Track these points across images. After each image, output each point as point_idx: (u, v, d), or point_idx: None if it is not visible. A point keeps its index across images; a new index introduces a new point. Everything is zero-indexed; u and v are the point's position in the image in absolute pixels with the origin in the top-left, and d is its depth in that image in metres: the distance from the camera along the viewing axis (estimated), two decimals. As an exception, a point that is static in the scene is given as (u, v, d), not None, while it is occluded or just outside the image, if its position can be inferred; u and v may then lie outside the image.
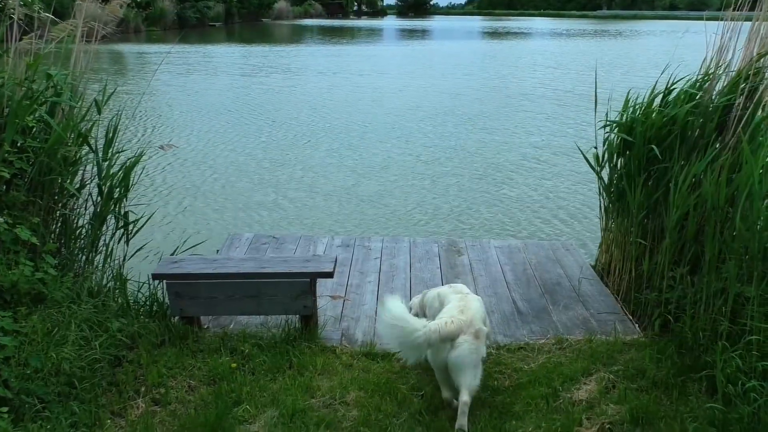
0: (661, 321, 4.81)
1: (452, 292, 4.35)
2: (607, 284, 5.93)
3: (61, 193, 4.93)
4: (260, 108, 18.28)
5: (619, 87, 5.61)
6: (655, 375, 4.21)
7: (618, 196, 5.65)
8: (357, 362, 4.62)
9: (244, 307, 4.81)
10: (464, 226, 9.19)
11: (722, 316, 4.16)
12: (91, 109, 5.19)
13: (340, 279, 6.00)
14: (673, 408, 3.90)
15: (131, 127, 13.21)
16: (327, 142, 14.17)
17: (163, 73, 24.57)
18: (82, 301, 4.34)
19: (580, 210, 9.75)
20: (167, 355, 4.42)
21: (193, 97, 19.85)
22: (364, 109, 18.11)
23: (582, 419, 3.86)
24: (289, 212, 9.73)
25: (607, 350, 4.66)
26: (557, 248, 6.95)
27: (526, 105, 18.67)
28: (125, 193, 5.29)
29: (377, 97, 20.02)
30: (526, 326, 5.23)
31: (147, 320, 4.74)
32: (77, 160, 5.05)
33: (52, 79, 4.78)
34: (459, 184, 11.21)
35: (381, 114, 17.33)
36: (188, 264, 4.92)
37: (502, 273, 6.28)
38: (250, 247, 6.84)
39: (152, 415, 3.86)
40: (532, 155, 13.04)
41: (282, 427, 3.80)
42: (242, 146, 13.85)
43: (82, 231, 5.16)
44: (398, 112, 17.55)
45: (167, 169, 11.79)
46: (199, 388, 4.19)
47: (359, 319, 5.33)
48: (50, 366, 3.67)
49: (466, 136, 14.84)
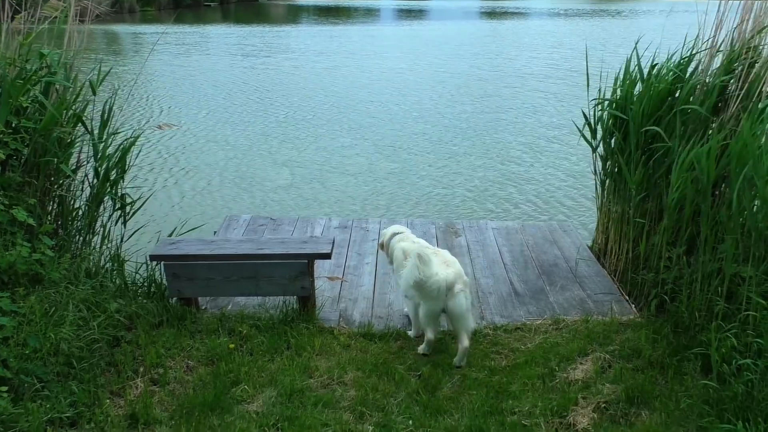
0: (658, 301, 4.85)
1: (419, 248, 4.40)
2: (604, 265, 5.96)
3: (57, 174, 4.93)
4: (258, 89, 18.19)
5: (616, 64, 5.59)
6: (651, 355, 4.25)
7: (612, 174, 5.66)
8: (355, 343, 4.66)
9: (241, 288, 4.83)
10: (462, 208, 9.21)
11: (718, 296, 4.19)
12: (86, 89, 5.17)
13: (337, 260, 6.02)
14: (669, 387, 3.95)
15: (128, 108, 13.14)
16: (326, 123, 14.13)
17: (160, 53, 24.40)
18: (80, 282, 4.37)
19: (580, 191, 9.76)
20: (165, 336, 4.44)
21: (191, 78, 19.74)
22: (363, 90, 18.03)
23: (578, 398, 3.91)
24: (286, 194, 9.73)
25: (603, 330, 4.70)
26: (555, 229, 6.98)
27: (530, 84, 18.59)
28: (122, 175, 5.30)
29: (377, 78, 19.92)
30: (523, 307, 5.27)
31: (145, 301, 4.77)
32: (72, 141, 5.04)
33: (46, 58, 4.75)
34: (460, 164, 11.20)
35: (380, 95, 17.26)
36: (186, 245, 4.94)
37: (499, 254, 6.31)
38: (247, 228, 6.86)
39: (151, 395, 3.90)
40: (535, 135, 13.02)
41: (280, 407, 3.84)
42: (241, 126, 13.81)
43: (78, 212, 5.17)
44: (398, 94, 17.47)
45: (164, 150, 11.76)
46: (198, 369, 4.22)
47: (357, 300, 5.36)
48: (49, 346, 3.70)
49: (470, 116, 14.79)
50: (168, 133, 12.17)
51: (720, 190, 4.63)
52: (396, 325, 4.93)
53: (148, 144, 11.39)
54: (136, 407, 3.73)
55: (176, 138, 12.56)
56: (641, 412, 3.78)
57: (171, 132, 12.18)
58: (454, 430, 3.68)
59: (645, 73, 5.29)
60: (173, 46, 27.25)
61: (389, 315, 5.13)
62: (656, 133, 4.99)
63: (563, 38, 30.08)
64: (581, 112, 5.79)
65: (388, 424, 3.72)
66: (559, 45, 27.45)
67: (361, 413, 3.83)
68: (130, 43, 29.51)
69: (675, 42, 5.27)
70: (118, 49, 25.87)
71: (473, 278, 5.76)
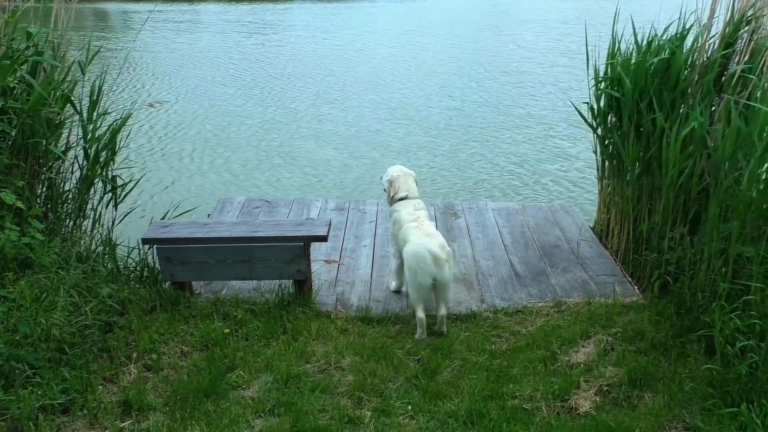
0: (661, 282, 4.85)
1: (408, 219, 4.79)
2: (607, 246, 5.95)
3: (46, 156, 4.90)
4: (252, 67, 18.05)
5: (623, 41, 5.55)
6: (654, 337, 4.26)
7: (612, 153, 5.65)
8: (352, 327, 4.66)
9: (236, 272, 4.82)
10: (461, 188, 9.18)
11: (722, 276, 4.19)
12: (74, 68, 5.12)
13: (334, 243, 6.01)
14: (672, 369, 3.96)
15: (117, 88, 13.05)
16: (319, 104, 14.04)
17: (150, 31, 24.19)
18: (71, 267, 4.35)
19: (582, 171, 9.73)
20: (159, 321, 4.44)
21: (183, 56, 19.58)
22: (361, 69, 17.89)
23: (580, 382, 3.92)
24: (282, 175, 9.69)
25: (605, 313, 4.70)
26: (556, 210, 6.96)
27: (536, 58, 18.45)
28: (112, 156, 5.26)
29: (377, 57, 19.76)
30: (524, 289, 5.27)
31: (137, 286, 4.76)
32: (61, 122, 5.00)
33: (33, 37, 4.70)
34: (458, 143, 11.15)
35: (377, 73, 17.15)
36: (179, 228, 4.92)
37: (500, 236, 6.30)
38: (242, 211, 6.83)
39: (144, 381, 3.90)
40: (534, 113, 12.96)
41: (276, 393, 3.84)
42: (234, 106, 13.71)
43: (68, 195, 5.14)
44: (398, 72, 17.34)
45: (156, 131, 11.68)
46: (192, 354, 4.22)
47: (354, 284, 5.35)
48: (39, 332, 3.69)
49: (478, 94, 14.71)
50: (159, 113, 12.07)
51: (723, 168, 4.61)
52: (394, 309, 4.93)
53: (139, 124, 11.31)
54: (129, 393, 3.73)
55: (168, 117, 12.46)
56: (644, 394, 3.79)
57: (162, 111, 12.07)
58: (453, 414, 3.69)
59: (639, 47, 5.26)
60: (164, 23, 27.01)
61: (387, 298, 5.13)
62: (649, 108, 4.96)
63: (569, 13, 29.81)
64: (589, 93, 5.75)
65: (386, 409, 3.73)
66: (566, 20, 27.19)
67: (359, 398, 3.84)
68: (119, 21, 29.24)
69: (671, 14, 5.23)
70: (107, 27, 25.65)
71: (473, 260, 5.76)
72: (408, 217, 4.80)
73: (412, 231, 4.64)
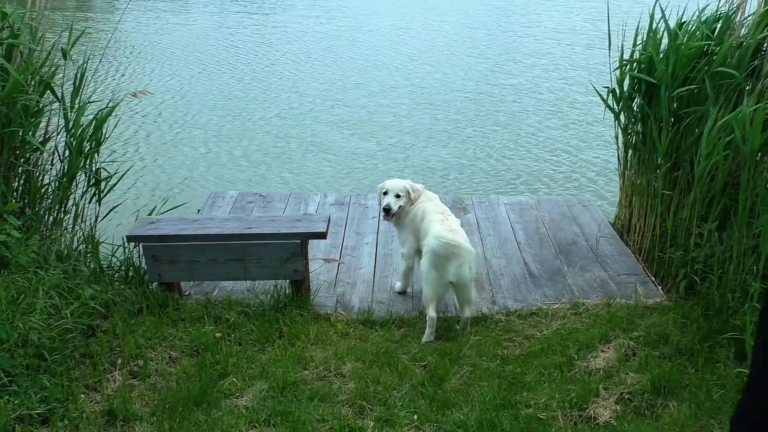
0: (687, 282, 4.82)
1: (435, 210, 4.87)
2: (628, 243, 5.93)
3: (23, 147, 4.89)
4: (245, 51, 18.03)
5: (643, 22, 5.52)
6: (680, 341, 4.24)
7: (636, 143, 5.61)
8: (353, 331, 4.65)
9: (228, 271, 4.81)
10: (471, 182, 9.16)
11: (753, 275, 4.16)
12: (54, 52, 5.11)
13: (334, 240, 6.00)
14: (699, 376, 3.93)
15: (101, 74, 13.03)
16: (317, 93, 14.00)
17: (136, 11, 24.17)
18: (51, 266, 4.35)
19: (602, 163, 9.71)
20: (145, 325, 4.43)
21: (170, 39, 19.56)
22: (362, 56, 17.86)
23: (599, 389, 3.90)
24: (277, 168, 9.69)
25: (627, 315, 4.68)
26: (573, 204, 6.94)
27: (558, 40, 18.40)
28: (97, 148, 5.26)
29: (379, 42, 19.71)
30: (538, 290, 5.25)
31: (122, 287, 4.76)
32: (40, 110, 4.99)
33: (8, 18, 4.69)
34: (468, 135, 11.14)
35: (378, 61, 17.11)
36: (167, 225, 4.91)
37: (512, 232, 6.28)
38: (234, 206, 6.83)
39: (130, 389, 3.89)
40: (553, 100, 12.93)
41: (272, 401, 3.83)
42: (226, 93, 13.68)
43: (48, 189, 5.14)
44: (403, 60, 17.30)
45: (142, 121, 11.67)
46: (181, 360, 4.21)
47: (355, 284, 5.34)
48: (16, 337, 3.68)
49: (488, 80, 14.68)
50: (145, 102, 12.06)
51: (756, 159, 4.58)
52: (399, 311, 4.93)
53: (124, 114, 11.29)
54: (113, 402, 3.72)
55: (154, 106, 12.44)
56: (669, 403, 3.77)
57: (149, 99, 12.05)
58: (463, 424, 3.67)
59: (671, 30, 5.23)
60: (150, 3, 26.99)
61: (391, 300, 5.12)
62: (685, 97, 4.92)
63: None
64: (611, 76, 5.71)
65: (390, 419, 3.72)
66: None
67: (360, 407, 3.82)
68: (102, 2, 29.22)
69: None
70: (86, 7, 25.60)
71: (484, 259, 5.74)
72: (434, 208, 4.86)
73: (436, 223, 4.66)
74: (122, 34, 18.72)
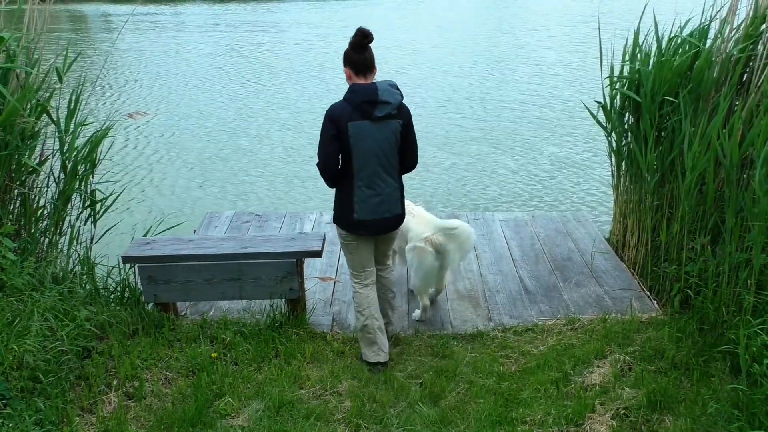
0: (681, 296, 4.84)
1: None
2: (623, 258, 5.96)
3: (19, 169, 4.91)
4: (238, 72, 18.14)
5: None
6: (675, 355, 4.25)
7: (628, 158, 5.65)
8: (350, 349, 4.66)
9: (224, 291, 4.82)
10: (466, 198, 9.19)
11: (747, 289, 4.18)
12: (50, 76, 5.14)
13: (329, 259, 6.02)
14: (694, 390, 3.94)
15: (96, 96, 13.10)
16: (313, 111, 14.07)
17: (130, 35, 24.33)
18: (46, 288, 4.35)
19: (597, 177, 9.75)
20: (141, 346, 4.44)
21: (165, 61, 19.68)
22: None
23: (595, 405, 3.90)
24: (273, 188, 9.71)
25: (622, 330, 4.69)
26: (568, 220, 6.97)
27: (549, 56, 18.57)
28: (92, 170, 5.28)
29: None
30: (534, 306, 5.26)
31: (118, 308, 4.76)
32: (36, 133, 5.02)
33: (4, 42, 4.72)
34: (462, 151, 11.18)
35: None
36: (162, 245, 4.92)
37: (507, 248, 6.30)
38: (230, 225, 6.85)
39: (125, 411, 3.89)
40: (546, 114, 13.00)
41: (268, 421, 3.83)
42: (221, 114, 13.75)
43: (44, 211, 5.15)
44: (396, 79, 17.42)
45: (138, 142, 11.72)
46: (177, 381, 4.21)
47: (351, 303, 5.34)
48: (11, 359, 3.68)
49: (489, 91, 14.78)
50: (141, 123, 12.11)
51: (747, 172, 4.61)
52: (394, 329, 4.93)
53: (119, 135, 11.35)
54: (109, 424, 3.72)
55: (149, 128, 12.50)
56: (665, 418, 3.77)
57: (144, 121, 12.10)
58: (459, 442, 3.68)
59: (656, 45, 5.28)
60: (145, 25, 27.16)
61: (387, 317, 5.12)
62: (671, 110, 4.97)
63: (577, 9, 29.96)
64: (603, 92, 5.76)
65: (387, 438, 3.72)
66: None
67: (357, 426, 3.83)
68: (97, 24, 29.40)
69: (693, 9, 5.26)
70: (83, 31, 25.75)
71: (479, 275, 5.76)
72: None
73: (410, 225, 4.86)
74: (118, 54, 18.82)
